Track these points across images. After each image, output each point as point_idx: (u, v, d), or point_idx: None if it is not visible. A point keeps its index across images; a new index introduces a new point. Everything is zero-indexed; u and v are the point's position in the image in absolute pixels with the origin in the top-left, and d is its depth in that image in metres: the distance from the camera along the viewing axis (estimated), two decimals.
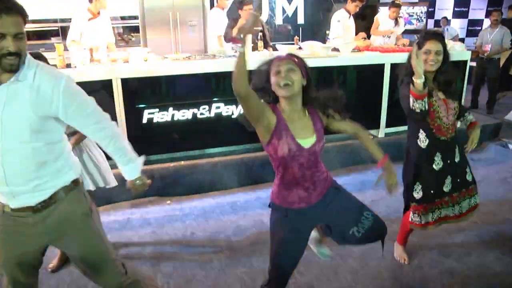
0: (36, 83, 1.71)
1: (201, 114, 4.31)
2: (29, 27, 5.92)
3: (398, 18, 6.34)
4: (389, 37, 6.37)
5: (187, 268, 3.09)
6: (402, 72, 2.79)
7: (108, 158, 2.42)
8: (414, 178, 2.84)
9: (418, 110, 2.56)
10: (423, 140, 2.76)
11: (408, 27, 9.10)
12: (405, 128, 5.34)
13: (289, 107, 2.07)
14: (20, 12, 1.63)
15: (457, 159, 2.82)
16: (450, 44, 5.40)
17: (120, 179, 3.93)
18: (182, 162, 4.29)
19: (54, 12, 6.28)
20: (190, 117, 4.28)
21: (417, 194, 2.82)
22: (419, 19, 9.50)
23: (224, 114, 4.40)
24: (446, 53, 2.67)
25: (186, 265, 3.13)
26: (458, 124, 2.96)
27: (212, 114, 4.36)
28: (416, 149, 2.80)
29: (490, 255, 3.28)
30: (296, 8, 7.96)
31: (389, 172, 2.21)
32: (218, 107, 4.36)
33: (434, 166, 2.77)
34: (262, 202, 4.11)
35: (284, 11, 7.70)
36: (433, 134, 2.72)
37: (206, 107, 4.31)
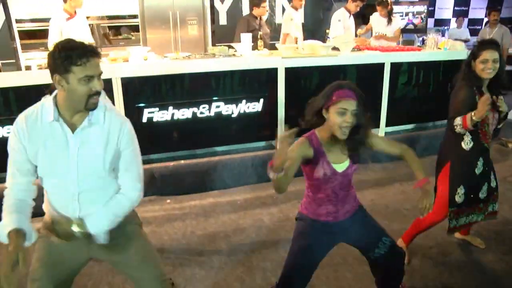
0: (107, 124, 1.87)
1: (201, 113, 4.31)
2: (29, 26, 5.93)
3: (391, 17, 6.29)
4: (385, 35, 6.33)
5: (186, 267, 3.09)
6: (460, 77, 2.80)
7: None
8: (460, 182, 2.84)
9: (457, 131, 2.67)
10: (467, 143, 2.77)
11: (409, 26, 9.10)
12: (405, 127, 5.41)
13: (331, 138, 2.10)
14: (98, 54, 1.79)
15: (490, 165, 2.89)
16: (450, 43, 5.41)
17: None
18: (182, 161, 4.29)
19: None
20: (190, 116, 4.28)
21: (459, 198, 2.84)
22: (422, 18, 9.48)
23: (224, 113, 4.40)
24: (501, 61, 2.69)
25: (185, 264, 3.13)
26: None
27: (212, 113, 4.36)
28: (459, 150, 2.80)
29: (490, 254, 3.28)
30: None
31: (428, 195, 2.20)
32: (218, 106, 4.36)
33: (476, 170, 2.80)
34: (261, 202, 4.12)
35: (284, 9, 7.68)
36: (479, 139, 2.75)
37: (206, 106, 4.31)
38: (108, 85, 3.87)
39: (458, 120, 2.64)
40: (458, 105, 2.71)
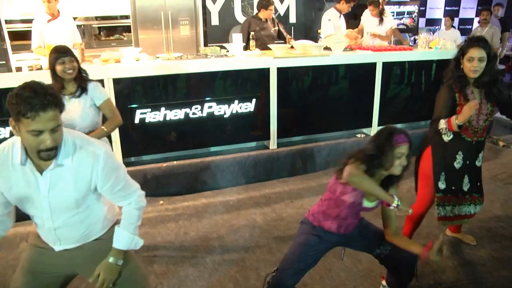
0: (75, 164, 1.77)
1: (193, 114, 4.30)
2: (20, 27, 5.88)
3: (383, 16, 6.30)
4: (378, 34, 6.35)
5: (180, 268, 3.09)
6: (448, 75, 2.80)
7: None
8: (441, 168, 2.87)
9: (443, 133, 2.72)
10: (448, 135, 2.79)
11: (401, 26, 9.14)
12: (397, 126, 5.41)
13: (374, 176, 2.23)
14: (56, 105, 1.62)
15: (478, 163, 2.88)
16: (441, 42, 5.44)
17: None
18: (175, 162, 4.28)
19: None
20: (182, 116, 4.27)
21: (442, 184, 2.87)
22: (414, 18, 9.54)
23: (216, 113, 4.39)
24: (490, 58, 2.67)
25: (179, 265, 3.12)
26: None
27: (205, 114, 4.35)
28: (438, 140, 2.83)
29: (482, 251, 3.31)
30: (288, 7, 7.95)
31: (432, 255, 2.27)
32: (210, 107, 4.35)
33: (455, 164, 2.83)
34: (254, 202, 4.12)
35: (276, 10, 7.68)
36: (458, 133, 2.74)
37: (199, 106, 4.31)
38: None
39: (442, 124, 2.64)
40: (439, 107, 2.73)
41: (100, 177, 1.82)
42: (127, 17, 6.71)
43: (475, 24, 10.24)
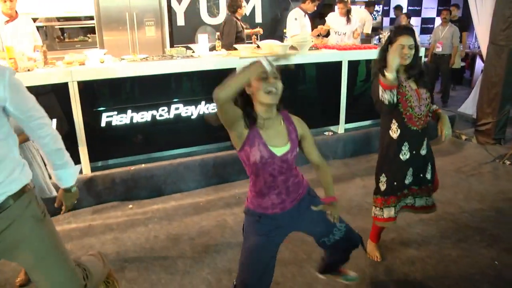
0: None
1: (160, 115, 4.26)
2: None
3: (349, 16, 6.40)
4: (345, 33, 6.44)
5: (151, 272, 3.06)
6: (375, 67, 2.82)
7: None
8: (382, 170, 2.91)
9: (386, 102, 2.65)
10: (395, 131, 2.82)
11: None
12: (364, 123, 5.52)
13: (265, 114, 2.05)
14: None
15: (423, 152, 2.88)
16: None
17: (79, 184, 3.86)
18: (143, 165, 4.23)
19: None
20: (149, 119, 4.22)
21: (383, 186, 2.90)
22: (374, 17, 9.73)
23: (183, 115, 4.37)
24: (416, 46, 2.74)
25: (150, 269, 3.09)
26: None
27: (172, 116, 4.32)
28: (387, 140, 2.86)
29: (448, 241, 3.42)
30: (254, 7, 7.98)
31: (334, 208, 2.20)
32: (177, 108, 4.32)
33: (401, 156, 2.83)
34: (224, 202, 4.12)
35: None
36: (405, 123, 2.78)
37: (165, 108, 4.27)
38: (64, 89, 3.77)
39: (380, 91, 2.65)
40: (375, 90, 2.73)
41: (8, 88, 1.75)
42: (91, 18, 6.58)
43: (437, 23, 10.51)
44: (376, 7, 9.86)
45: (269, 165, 2.03)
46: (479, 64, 8.45)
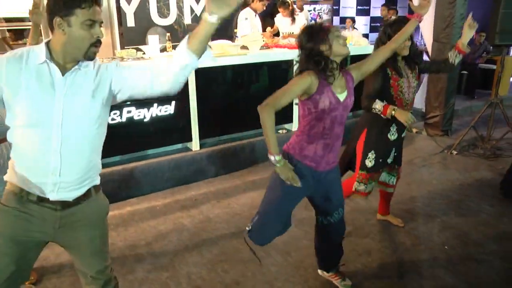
0: (96, 69, 1.80)
1: (112, 119, 4.16)
2: None
3: (294, 16, 6.48)
4: (292, 33, 6.50)
5: None
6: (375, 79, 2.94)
7: None
8: (371, 147, 3.02)
9: (373, 112, 2.86)
10: (381, 111, 2.91)
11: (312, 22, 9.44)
12: None
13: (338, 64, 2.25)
14: (100, 4, 1.73)
15: (403, 135, 3.11)
16: (355, 39, 5.68)
17: None
18: None
19: None
20: None
21: (370, 162, 3.00)
22: (320, 15, 9.92)
23: (136, 118, 4.28)
24: (411, 36, 2.89)
25: None
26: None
27: (124, 119, 4.22)
28: (374, 117, 2.95)
29: (402, 230, 3.55)
30: (204, 7, 7.95)
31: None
32: (129, 111, 4.23)
33: (389, 135, 3.00)
34: (181, 205, 4.08)
35: (192, 10, 7.61)
36: (395, 107, 2.89)
37: (117, 112, 4.17)
38: None
39: (378, 106, 2.82)
40: (370, 82, 2.88)
41: (115, 71, 1.83)
42: None
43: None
44: (325, 6, 10.04)
45: (334, 111, 2.25)
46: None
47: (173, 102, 4.43)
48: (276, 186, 2.39)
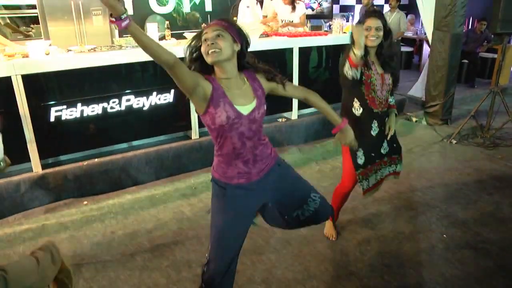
0: None
1: (111, 108, 4.15)
2: None
3: (295, 4, 6.40)
4: (291, 21, 6.45)
5: (109, 269, 3.00)
6: (346, 50, 2.82)
7: None
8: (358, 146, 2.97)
9: (349, 78, 2.72)
10: (357, 109, 2.90)
11: (309, 12, 9.40)
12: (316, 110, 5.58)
13: (223, 74, 1.99)
14: None
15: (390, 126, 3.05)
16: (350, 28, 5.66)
17: (30, 183, 3.73)
18: (96, 160, 4.12)
19: None
20: (100, 111, 4.10)
21: (361, 159, 2.96)
22: (320, 4, 9.82)
23: (135, 106, 4.27)
24: (386, 30, 2.84)
25: (108, 266, 3.03)
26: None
27: (123, 107, 4.21)
28: (351, 117, 2.90)
29: (401, 219, 3.57)
30: None
31: (347, 134, 2.32)
32: (128, 100, 4.22)
33: (372, 132, 2.94)
34: (181, 193, 4.09)
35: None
36: (367, 105, 2.87)
37: (116, 100, 4.16)
38: (7, 83, 3.60)
39: (346, 67, 2.71)
40: (343, 63, 2.78)
41: None
42: (33, 6, 6.26)
43: (386, 9, 10.72)
44: None
45: (236, 127, 1.96)
46: (426, 50, 8.71)
47: (172, 91, 4.42)
48: (214, 212, 2.14)
